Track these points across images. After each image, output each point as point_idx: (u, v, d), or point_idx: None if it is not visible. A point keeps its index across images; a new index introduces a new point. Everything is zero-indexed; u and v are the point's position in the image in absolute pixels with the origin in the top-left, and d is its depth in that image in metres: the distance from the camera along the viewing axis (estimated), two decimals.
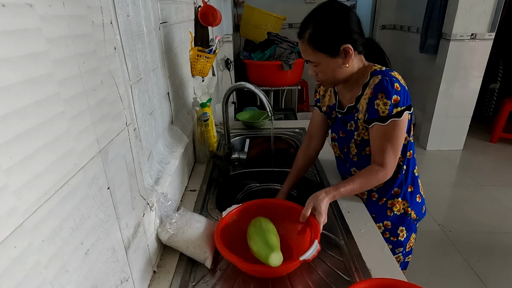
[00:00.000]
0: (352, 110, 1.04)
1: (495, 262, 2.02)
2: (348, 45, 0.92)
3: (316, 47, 0.94)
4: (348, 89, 1.05)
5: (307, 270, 0.83)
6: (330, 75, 0.98)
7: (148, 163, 0.85)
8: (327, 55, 0.94)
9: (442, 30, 3.17)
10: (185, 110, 1.31)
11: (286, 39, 3.10)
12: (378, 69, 0.97)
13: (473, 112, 3.33)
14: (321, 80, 1.02)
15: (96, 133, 0.53)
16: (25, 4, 0.37)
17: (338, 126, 1.13)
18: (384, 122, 0.93)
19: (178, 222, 0.84)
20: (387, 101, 0.91)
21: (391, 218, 1.09)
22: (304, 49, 0.97)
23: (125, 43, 0.70)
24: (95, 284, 0.52)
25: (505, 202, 2.60)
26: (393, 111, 0.92)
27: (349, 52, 0.93)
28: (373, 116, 0.95)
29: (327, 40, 0.93)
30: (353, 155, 1.10)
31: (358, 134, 1.04)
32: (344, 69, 0.97)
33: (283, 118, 2.62)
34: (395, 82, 0.92)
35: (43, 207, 0.40)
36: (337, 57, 0.94)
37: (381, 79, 0.93)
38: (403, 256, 1.15)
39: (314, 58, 0.96)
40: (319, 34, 0.93)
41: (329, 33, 0.93)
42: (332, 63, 0.96)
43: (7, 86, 0.34)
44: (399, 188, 1.07)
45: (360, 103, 0.99)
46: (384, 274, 0.79)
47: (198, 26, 1.54)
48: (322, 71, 0.98)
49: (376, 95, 0.93)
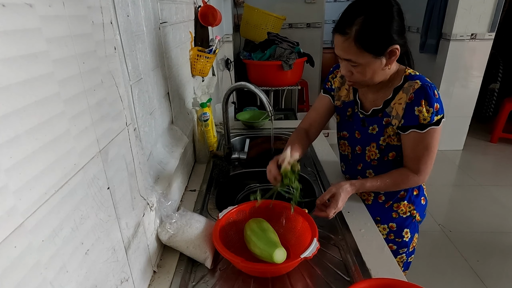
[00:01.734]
0: (378, 114, 0.99)
1: (495, 262, 2.02)
2: (397, 46, 0.85)
3: (364, 47, 0.84)
4: (375, 91, 0.99)
5: (307, 270, 0.83)
6: (369, 76, 0.90)
7: (148, 163, 0.85)
8: (372, 56, 0.86)
9: (442, 30, 3.18)
10: (185, 110, 1.31)
11: (286, 39, 3.10)
12: (413, 73, 0.94)
13: (473, 112, 3.33)
14: (356, 80, 0.93)
15: (96, 133, 0.53)
16: (25, 4, 0.37)
17: (355, 126, 1.07)
18: (422, 130, 0.90)
19: (178, 222, 0.84)
20: (429, 109, 0.88)
21: (396, 220, 1.09)
22: (346, 47, 0.86)
23: (125, 43, 0.70)
24: (95, 284, 0.52)
25: (505, 202, 2.60)
26: (434, 119, 0.89)
27: (396, 53, 0.86)
28: (412, 123, 0.91)
29: (377, 40, 0.84)
30: (371, 159, 1.05)
31: (384, 139, 0.99)
32: (384, 71, 0.90)
33: (283, 118, 2.63)
34: (435, 89, 0.89)
35: (43, 207, 0.40)
36: (381, 58, 0.87)
37: (423, 85, 0.88)
38: (406, 256, 1.15)
39: (358, 58, 0.86)
40: (370, 32, 0.82)
41: (380, 32, 0.83)
42: (375, 64, 0.87)
43: (7, 86, 0.34)
44: (405, 191, 1.07)
45: (394, 108, 0.94)
46: (384, 274, 0.79)
47: (198, 26, 1.54)
48: (362, 71, 0.89)
49: (419, 101, 0.88)
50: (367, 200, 1.12)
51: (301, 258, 0.74)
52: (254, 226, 0.86)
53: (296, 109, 3.39)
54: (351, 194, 0.96)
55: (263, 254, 0.78)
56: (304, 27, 3.89)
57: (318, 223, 0.89)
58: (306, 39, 3.82)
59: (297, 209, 0.91)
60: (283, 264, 0.75)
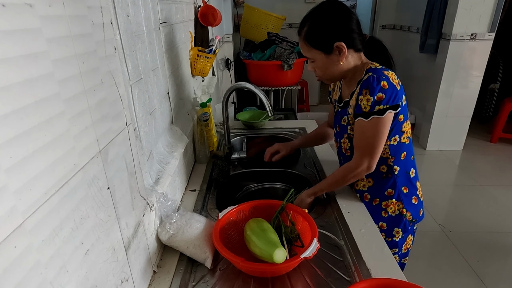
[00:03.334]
0: (346, 105, 1.07)
1: (495, 262, 2.02)
2: (341, 43, 0.96)
3: (311, 44, 1.00)
4: (347, 85, 1.08)
5: (307, 270, 0.83)
6: (325, 71, 1.03)
7: (148, 163, 0.85)
8: (322, 52, 0.99)
9: (442, 30, 3.17)
10: (185, 110, 1.31)
11: (286, 39, 3.10)
12: (374, 67, 0.99)
13: (473, 112, 3.33)
14: (318, 76, 1.07)
15: (96, 133, 0.53)
16: (25, 4, 0.37)
17: (336, 120, 1.16)
18: (367, 118, 0.95)
19: (178, 222, 0.84)
20: (370, 98, 0.93)
21: (386, 219, 1.09)
22: (301, 46, 1.04)
23: (125, 43, 0.70)
24: (95, 284, 0.52)
25: (505, 202, 2.60)
26: (375, 108, 0.93)
27: (342, 49, 0.97)
28: (358, 111, 0.98)
29: (320, 37, 0.98)
30: (345, 150, 1.12)
31: (351, 128, 1.06)
32: (338, 66, 1.00)
33: (283, 118, 2.62)
34: (384, 80, 0.92)
35: (43, 207, 0.40)
36: (332, 55, 0.99)
37: (369, 76, 0.94)
38: (399, 257, 1.15)
39: (310, 54, 1.02)
40: (314, 32, 0.99)
41: (322, 31, 0.98)
42: (327, 60, 1.00)
43: (7, 86, 0.34)
44: (392, 189, 1.07)
45: (353, 98, 1.02)
46: (384, 274, 0.79)
47: (198, 26, 1.54)
48: (318, 67, 1.04)
49: (361, 91, 0.95)
50: None
51: (301, 258, 0.74)
52: (254, 226, 0.86)
53: (296, 109, 3.39)
54: (309, 199, 1.09)
55: (263, 254, 0.78)
56: None
57: (318, 223, 0.89)
58: None
59: (297, 209, 0.91)
60: (283, 264, 0.75)
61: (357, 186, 1.12)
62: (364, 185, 1.10)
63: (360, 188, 1.11)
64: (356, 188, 1.13)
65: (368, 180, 1.09)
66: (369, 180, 1.09)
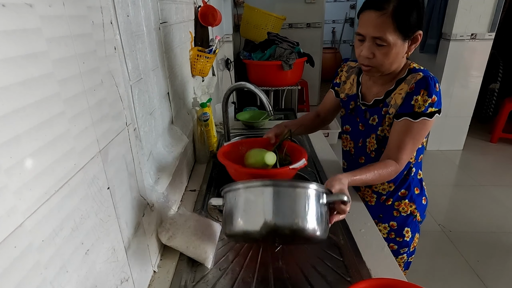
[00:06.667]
0: (379, 104, 1.00)
1: (495, 262, 2.02)
2: (421, 32, 0.86)
3: (398, 24, 0.83)
4: (379, 83, 1.00)
5: (307, 270, 0.83)
6: (389, 60, 0.89)
7: (148, 163, 0.85)
8: (401, 37, 0.85)
9: (442, 30, 3.17)
10: (185, 110, 1.31)
11: (286, 39, 3.10)
12: (417, 67, 0.95)
13: (473, 112, 3.33)
14: (375, 65, 0.91)
15: (96, 133, 0.53)
16: (25, 4, 0.37)
17: (359, 118, 1.07)
18: (415, 119, 0.90)
19: (178, 222, 0.84)
20: (427, 99, 0.88)
21: (397, 219, 1.09)
22: (380, 24, 0.83)
23: (125, 43, 0.70)
24: (95, 284, 0.52)
25: (505, 202, 2.60)
26: (428, 109, 0.89)
27: (418, 39, 0.88)
28: (406, 110, 0.91)
29: (411, 20, 0.84)
30: (371, 151, 1.06)
31: (382, 129, 1.00)
32: (402, 58, 0.91)
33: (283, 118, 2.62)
34: (436, 82, 0.90)
35: (43, 207, 0.40)
36: (406, 42, 0.87)
37: (425, 76, 0.90)
38: (407, 256, 1.15)
39: (389, 35, 0.84)
40: (406, 11, 0.82)
41: (414, 13, 0.84)
42: (400, 48, 0.87)
43: (7, 86, 0.34)
44: (407, 190, 1.06)
45: (393, 97, 0.95)
46: (384, 274, 0.79)
47: (198, 26, 1.54)
48: (386, 53, 0.87)
49: (419, 90, 0.89)
50: (370, 202, 1.13)
51: (289, 168, 0.89)
52: (253, 150, 1.02)
53: (296, 109, 3.39)
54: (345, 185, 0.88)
55: (256, 160, 0.91)
56: (304, 27, 3.89)
57: None
58: (306, 39, 3.82)
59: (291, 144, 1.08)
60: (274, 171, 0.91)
61: (376, 188, 1.09)
62: (383, 189, 1.08)
63: (379, 191, 1.09)
64: (374, 189, 1.10)
65: (389, 185, 1.07)
66: (391, 185, 1.07)
